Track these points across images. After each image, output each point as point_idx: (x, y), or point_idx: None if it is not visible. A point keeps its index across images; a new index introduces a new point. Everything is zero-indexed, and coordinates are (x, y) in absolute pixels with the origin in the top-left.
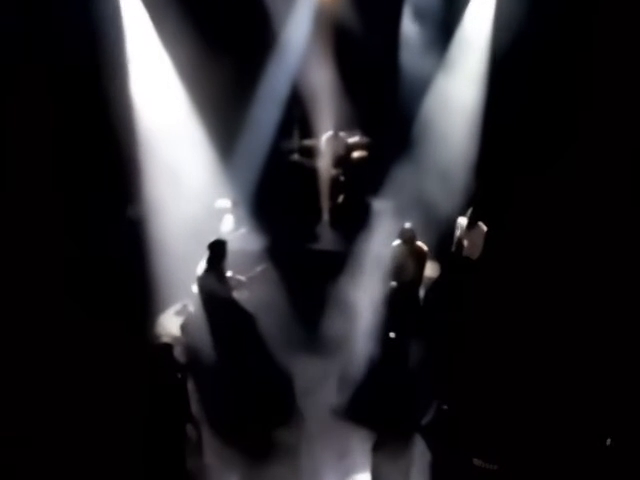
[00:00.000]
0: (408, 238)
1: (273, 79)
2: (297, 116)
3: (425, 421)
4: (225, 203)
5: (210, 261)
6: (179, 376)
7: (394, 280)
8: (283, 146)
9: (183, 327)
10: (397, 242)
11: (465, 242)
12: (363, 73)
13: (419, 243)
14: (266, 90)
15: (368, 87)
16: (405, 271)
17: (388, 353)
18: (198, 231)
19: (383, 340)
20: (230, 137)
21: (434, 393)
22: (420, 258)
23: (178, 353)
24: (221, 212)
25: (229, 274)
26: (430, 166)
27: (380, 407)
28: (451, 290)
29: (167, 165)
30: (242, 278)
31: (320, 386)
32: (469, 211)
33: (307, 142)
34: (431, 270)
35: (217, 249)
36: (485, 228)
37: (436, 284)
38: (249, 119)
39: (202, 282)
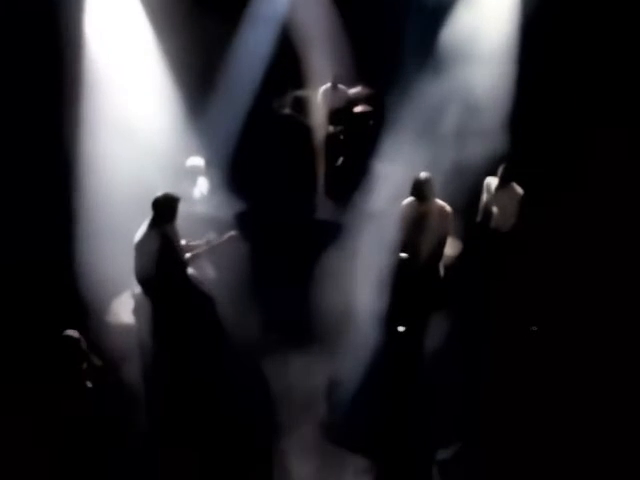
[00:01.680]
0: (424, 193)
1: (259, 20)
2: (288, 64)
3: (444, 455)
4: (198, 162)
5: (153, 222)
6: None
7: (404, 251)
8: (272, 99)
9: (135, 312)
10: (409, 200)
11: (494, 209)
12: (366, 12)
13: (439, 201)
14: (250, 32)
15: (372, 29)
16: (419, 239)
17: (395, 355)
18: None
19: (389, 337)
20: (207, 85)
21: (458, 414)
22: (441, 221)
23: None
24: (193, 173)
25: (183, 243)
26: (448, 119)
27: (385, 432)
28: (476, 274)
29: (123, 119)
30: (198, 244)
31: (304, 400)
32: (500, 169)
33: (300, 93)
34: (450, 248)
35: (163, 206)
36: (520, 191)
37: (456, 267)
38: (229, 66)
39: (140, 250)
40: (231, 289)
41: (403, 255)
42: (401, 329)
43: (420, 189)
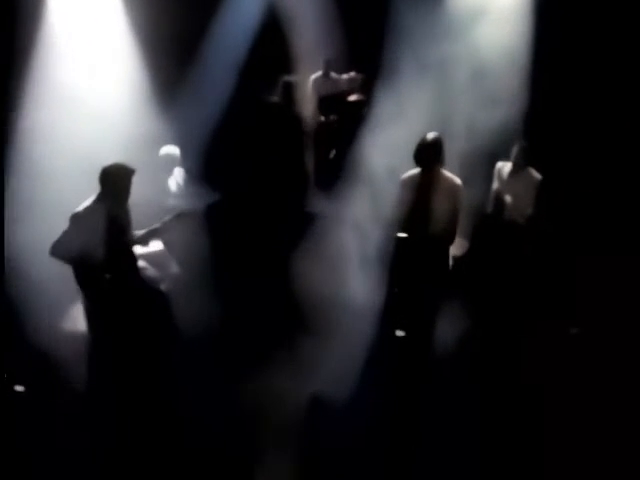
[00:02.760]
0: (430, 158)
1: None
2: (274, 47)
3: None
4: (173, 151)
5: (99, 196)
6: None
7: (404, 230)
8: (259, 86)
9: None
10: (411, 171)
11: (507, 198)
12: None
13: (448, 172)
14: (233, 10)
15: (365, 9)
16: (422, 216)
17: (394, 364)
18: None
19: (385, 341)
20: (183, 66)
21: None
22: (449, 195)
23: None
24: (168, 163)
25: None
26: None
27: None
28: (487, 276)
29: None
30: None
31: (283, 419)
32: (514, 151)
33: (288, 79)
34: (455, 248)
35: (111, 177)
36: (538, 175)
37: (463, 265)
38: (208, 46)
39: (76, 225)
40: (191, 279)
41: (402, 235)
42: (400, 334)
43: (425, 153)
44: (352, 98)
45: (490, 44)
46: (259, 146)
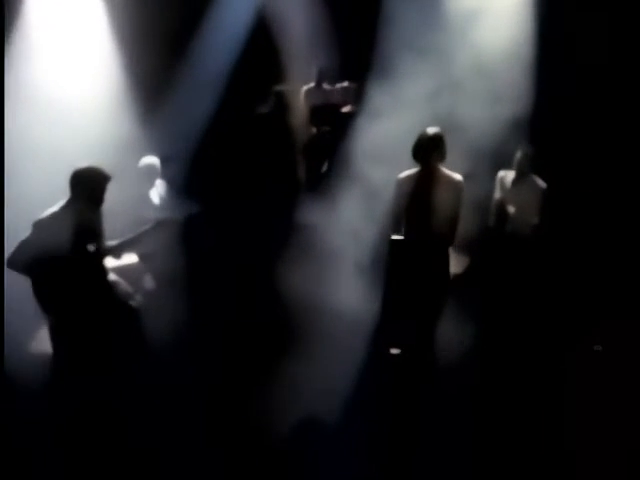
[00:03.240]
0: (429, 153)
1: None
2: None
3: None
4: (153, 161)
5: (69, 200)
6: None
7: (398, 231)
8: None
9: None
10: (408, 171)
11: (511, 208)
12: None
13: (448, 171)
14: (223, 15)
15: (360, 16)
16: (422, 217)
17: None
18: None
19: (378, 359)
20: (168, 72)
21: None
22: (449, 193)
23: None
24: (149, 174)
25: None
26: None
27: None
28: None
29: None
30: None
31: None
32: (517, 157)
33: (280, 88)
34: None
35: (83, 180)
36: (543, 184)
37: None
38: (195, 53)
39: (40, 230)
40: (169, 295)
41: (396, 237)
42: (395, 352)
43: (424, 149)
44: (345, 109)
45: (490, 43)
46: (248, 157)
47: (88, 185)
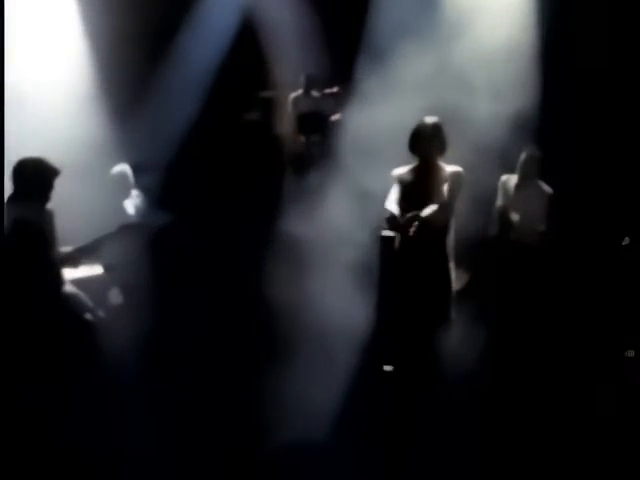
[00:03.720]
0: (427, 144)
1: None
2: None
3: None
4: (125, 169)
5: (11, 196)
6: None
7: (391, 226)
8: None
9: None
10: (403, 167)
11: (514, 216)
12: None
13: (447, 165)
14: (206, 17)
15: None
16: (417, 209)
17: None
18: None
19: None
20: (146, 75)
21: None
22: (449, 183)
23: None
24: (122, 183)
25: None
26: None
27: None
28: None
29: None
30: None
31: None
32: (521, 161)
33: (266, 94)
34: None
35: (27, 173)
36: (548, 189)
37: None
38: (176, 57)
39: None
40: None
41: (387, 233)
42: (388, 368)
43: (422, 139)
44: (335, 117)
45: (491, 38)
46: (232, 166)
47: (33, 179)
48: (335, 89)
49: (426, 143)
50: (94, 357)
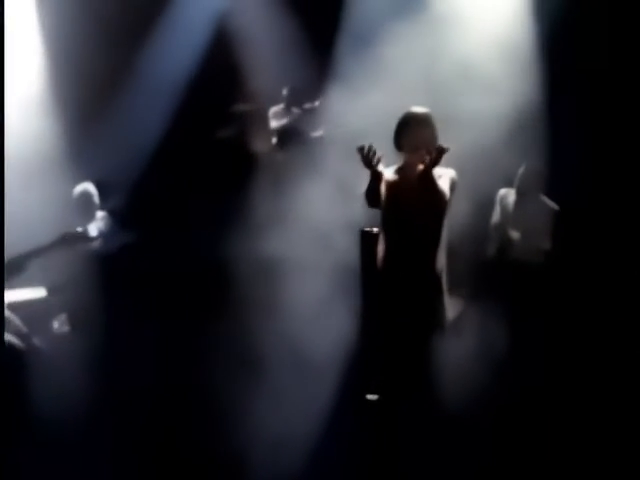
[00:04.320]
0: (414, 137)
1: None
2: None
3: None
4: (90, 189)
5: None
6: None
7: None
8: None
9: None
10: (387, 168)
11: (514, 234)
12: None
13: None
14: (175, 23)
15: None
16: (406, 225)
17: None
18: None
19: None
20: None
21: None
22: (438, 194)
23: None
24: (85, 204)
25: None
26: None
27: None
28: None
29: None
30: None
31: None
32: (520, 174)
33: (242, 108)
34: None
35: None
36: (553, 205)
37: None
38: (143, 62)
39: None
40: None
41: (368, 229)
42: (372, 397)
43: (408, 130)
44: (316, 134)
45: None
46: (205, 186)
47: None
48: (317, 103)
49: (414, 136)
50: (22, 395)
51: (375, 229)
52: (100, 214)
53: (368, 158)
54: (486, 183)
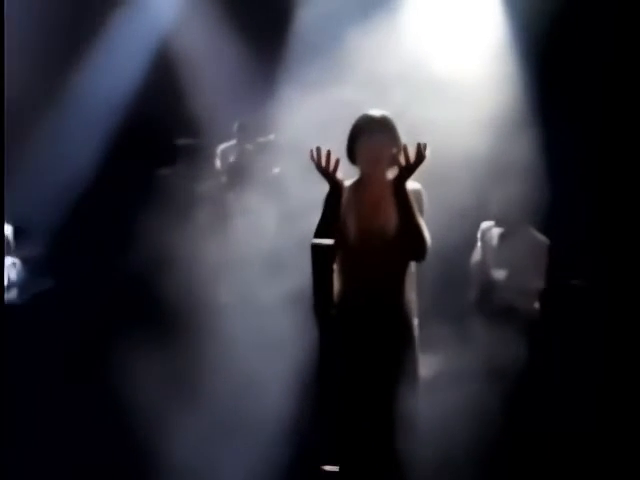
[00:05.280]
0: (371, 156)
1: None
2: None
3: None
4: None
5: None
6: None
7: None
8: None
9: None
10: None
11: (499, 272)
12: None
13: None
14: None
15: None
16: (366, 253)
17: None
18: None
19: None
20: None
21: None
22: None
23: None
24: None
25: None
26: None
27: None
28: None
29: None
30: None
31: None
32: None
33: (188, 142)
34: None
35: None
36: (544, 239)
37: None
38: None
39: None
40: None
41: (319, 241)
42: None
43: (364, 136)
44: (273, 171)
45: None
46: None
47: None
48: (271, 137)
49: (372, 144)
50: None
51: (329, 241)
52: (11, 260)
53: (322, 164)
54: (461, 206)
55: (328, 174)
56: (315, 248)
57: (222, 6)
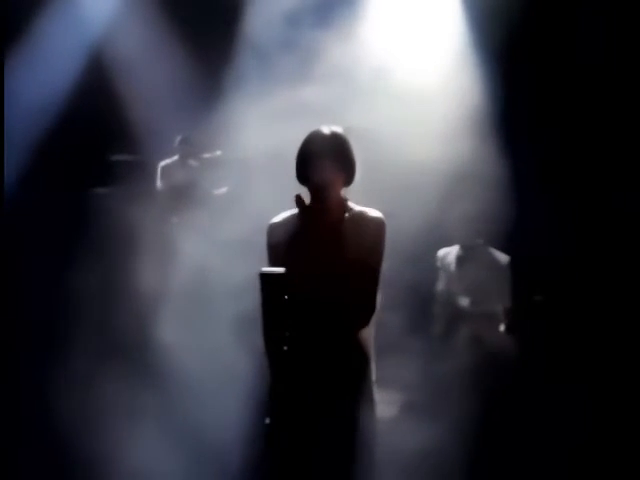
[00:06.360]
0: (325, 175)
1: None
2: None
3: None
4: None
5: None
6: None
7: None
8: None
9: None
10: (286, 213)
11: (462, 299)
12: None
13: (356, 206)
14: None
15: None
16: (315, 291)
17: None
18: None
19: None
20: None
21: None
22: (365, 243)
23: None
24: None
25: None
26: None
27: None
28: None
29: None
30: None
31: None
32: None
33: (122, 158)
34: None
35: None
36: (503, 257)
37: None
38: None
39: None
40: None
41: (270, 270)
42: None
43: (314, 156)
44: (219, 191)
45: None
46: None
47: None
48: (218, 152)
49: (324, 164)
50: None
51: (280, 269)
52: None
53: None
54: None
55: None
56: (264, 278)
57: (162, 5)
